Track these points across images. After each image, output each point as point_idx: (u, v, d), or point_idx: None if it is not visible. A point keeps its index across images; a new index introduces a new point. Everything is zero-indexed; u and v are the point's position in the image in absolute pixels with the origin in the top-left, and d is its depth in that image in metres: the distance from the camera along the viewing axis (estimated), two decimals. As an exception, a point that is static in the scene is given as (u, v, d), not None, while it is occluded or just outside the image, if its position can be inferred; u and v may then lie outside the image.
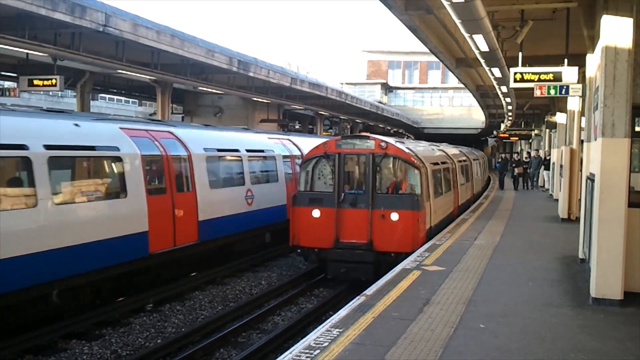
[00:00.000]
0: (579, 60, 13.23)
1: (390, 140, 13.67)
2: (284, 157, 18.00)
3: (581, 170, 13.55)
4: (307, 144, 18.72)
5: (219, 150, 14.49)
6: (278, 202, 16.58)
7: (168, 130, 13.09)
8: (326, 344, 6.15)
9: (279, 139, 18.97)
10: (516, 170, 31.44)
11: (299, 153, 18.65)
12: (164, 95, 25.58)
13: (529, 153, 35.23)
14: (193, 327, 9.84)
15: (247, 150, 15.73)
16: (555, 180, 23.25)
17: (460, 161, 21.14)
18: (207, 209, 13.08)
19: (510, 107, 29.53)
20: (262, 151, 16.89)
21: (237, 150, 15.38)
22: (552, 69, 13.20)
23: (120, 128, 11.49)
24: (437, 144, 22.82)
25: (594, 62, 10.39)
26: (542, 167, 30.50)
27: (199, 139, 13.88)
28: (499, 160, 40.37)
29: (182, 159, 12.70)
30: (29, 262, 8.63)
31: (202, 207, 12.89)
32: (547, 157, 30.94)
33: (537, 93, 13.69)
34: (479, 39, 11.71)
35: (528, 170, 31.26)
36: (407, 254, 11.31)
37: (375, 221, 12.14)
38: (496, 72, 16.34)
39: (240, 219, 14.62)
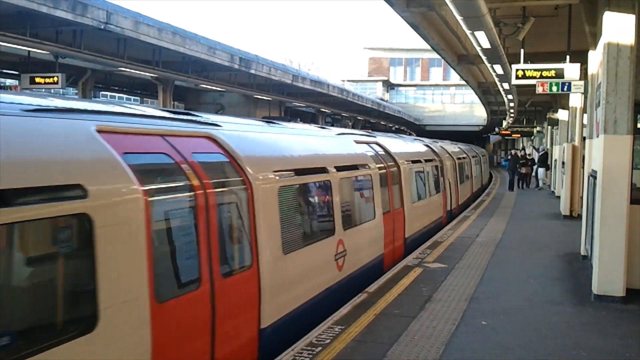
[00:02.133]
0: (581, 57, 13.20)
1: None
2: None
3: (583, 167, 13.53)
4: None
5: None
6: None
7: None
8: (328, 341, 6.15)
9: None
10: (524, 170, 29.87)
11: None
12: (165, 92, 25.61)
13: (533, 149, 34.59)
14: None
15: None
16: (557, 177, 23.21)
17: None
18: None
19: (512, 104, 29.49)
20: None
21: None
22: (554, 65, 13.18)
23: None
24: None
25: (596, 58, 10.37)
26: (537, 164, 30.20)
27: None
28: (508, 157, 35.94)
29: None
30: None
31: None
32: (542, 153, 30.73)
33: (539, 90, 13.67)
34: (481, 35, 11.70)
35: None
36: None
37: None
38: (498, 69, 16.33)
39: None
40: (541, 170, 29.72)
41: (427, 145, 16.80)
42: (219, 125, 6.21)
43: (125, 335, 3.97)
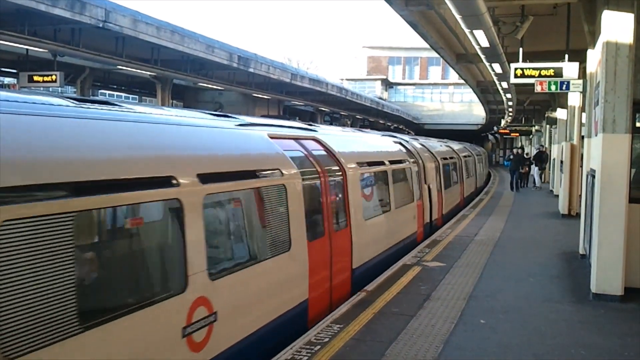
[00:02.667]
0: (579, 56, 13.21)
1: None
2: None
3: (582, 166, 13.54)
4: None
5: None
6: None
7: None
8: (327, 339, 6.15)
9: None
10: (523, 169, 28.39)
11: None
12: (164, 91, 25.60)
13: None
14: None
15: None
16: (555, 176, 23.21)
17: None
18: None
19: (510, 103, 29.51)
20: None
21: None
22: (552, 64, 13.18)
23: None
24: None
25: (594, 57, 10.37)
26: (532, 164, 29.92)
27: None
28: (510, 156, 32.43)
29: None
30: None
31: None
32: (537, 152, 30.54)
33: (538, 89, 13.68)
34: (480, 34, 11.69)
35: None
36: None
37: None
38: (497, 67, 16.33)
39: None
40: (535, 170, 29.64)
41: (399, 143, 13.60)
42: None
43: None
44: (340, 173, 8.53)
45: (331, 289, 7.75)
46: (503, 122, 44.10)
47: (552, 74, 13.10)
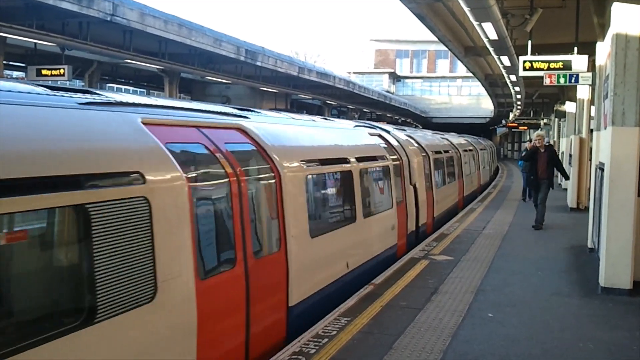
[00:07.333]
0: (588, 49, 13.12)
1: None
2: None
3: (590, 160, 13.47)
4: None
5: None
6: None
7: None
8: (334, 332, 6.16)
9: None
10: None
11: None
12: (171, 85, 25.64)
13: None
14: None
15: None
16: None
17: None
18: None
19: (519, 96, 29.40)
20: None
21: None
22: (561, 57, 13.10)
23: None
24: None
25: (604, 50, 10.30)
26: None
27: None
28: (523, 153, 24.26)
29: None
30: None
31: None
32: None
33: (547, 82, 13.60)
34: (488, 27, 11.65)
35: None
36: None
37: None
38: (505, 60, 16.27)
39: None
40: None
41: (378, 135, 11.17)
42: None
43: None
44: (271, 175, 6.36)
45: (248, 341, 5.50)
46: (511, 115, 43.94)
47: (561, 66, 13.02)
